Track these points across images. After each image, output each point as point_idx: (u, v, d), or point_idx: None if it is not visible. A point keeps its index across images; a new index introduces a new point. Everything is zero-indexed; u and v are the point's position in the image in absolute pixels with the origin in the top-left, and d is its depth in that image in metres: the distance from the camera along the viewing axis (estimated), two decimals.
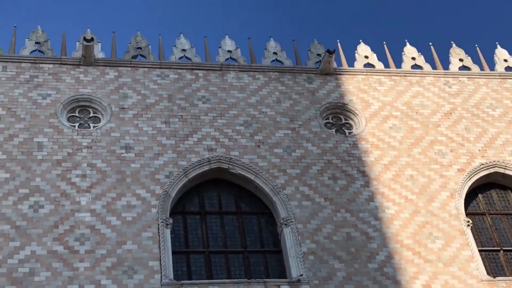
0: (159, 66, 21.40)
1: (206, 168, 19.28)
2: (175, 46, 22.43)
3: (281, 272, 18.09)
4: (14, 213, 17.18)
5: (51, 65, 20.53)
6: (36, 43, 21.18)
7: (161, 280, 16.68)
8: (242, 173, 19.33)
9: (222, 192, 19.52)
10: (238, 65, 22.10)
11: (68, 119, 19.60)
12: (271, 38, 23.33)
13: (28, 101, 19.51)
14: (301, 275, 17.36)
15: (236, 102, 20.98)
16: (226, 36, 23.08)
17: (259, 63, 22.44)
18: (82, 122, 19.73)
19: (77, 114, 19.86)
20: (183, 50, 22.31)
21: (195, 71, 21.54)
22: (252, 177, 19.24)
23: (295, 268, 17.60)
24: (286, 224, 18.37)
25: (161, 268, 16.88)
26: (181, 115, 20.26)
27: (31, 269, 16.36)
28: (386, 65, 23.41)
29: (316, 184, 19.43)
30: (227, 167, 19.39)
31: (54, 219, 17.30)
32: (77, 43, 21.32)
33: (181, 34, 22.85)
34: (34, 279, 16.23)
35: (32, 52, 20.94)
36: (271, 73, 22.10)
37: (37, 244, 16.77)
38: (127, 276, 16.61)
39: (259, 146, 19.98)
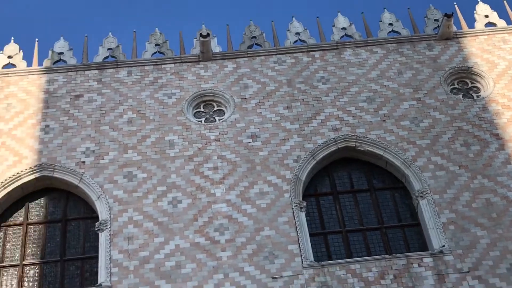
0: (275, 53, 21.68)
1: (333, 148, 19.38)
2: (288, 30, 22.61)
3: (422, 245, 17.93)
4: (155, 210, 18.11)
5: (172, 65, 21.34)
6: (156, 45, 22.07)
7: (302, 263, 17.00)
8: (370, 149, 19.28)
9: (352, 171, 19.56)
10: (354, 41, 21.96)
11: (194, 115, 20.33)
12: (385, 10, 23.00)
13: (155, 102, 20.40)
14: (443, 246, 17.12)
15: (356, 79, 20.89)
16: (339, 14, 22.94)
17: (375, 36, 22.16)
18: (207, 116, 20.40)
19: (202, 109, 20.56)
20: (297, 33, 22.45)
21: (311, 53, 21.63)
22: (381, 152, 19.15)
23: (436, 239, 17.39)
24: (421, 196, 18.15)
25: (300, 251, 17.21)
26: (303, 99, 20.46)
27: (177, 262, 17.18)
28: (509, 22, 22.45)
29: (448, 152, 19.04)
30: (354, 146, 19.40)
31: (192, 212, 18.06)
32: (194, 40, 22.03)
33: (293, 18, 22.98)
34: (181, 272, 17.03)
35: (153, 54, 21.85)
36: (389, 45, 21.79)
37: (180, 238, 17.60)
38: (268, 262, 17.08)
39: (384, 120, 19.83)
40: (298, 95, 20.58)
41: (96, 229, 18.08)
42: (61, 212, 19.04)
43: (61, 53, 21.72)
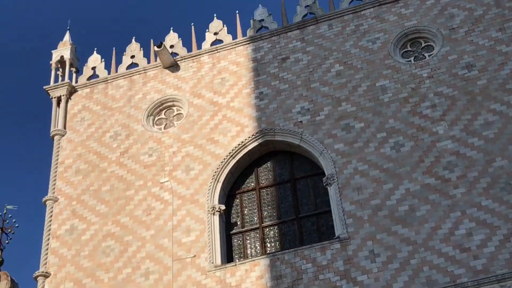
0: None
1: None
2: None
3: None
4: (379, 158, 18.46)
5: (372, 9, 21.35)
6: None
7: None
8: None
9: None
10: None
11: (402, 56, 20.28)
12: None
13: (360, 50, 20.62)
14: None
15: None
16: None
17: None
18: (416, 54, 20.25)
19: (409, 48, 20.44)
20: None
21: None
22: None
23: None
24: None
25: None
26: None
27: (410, 206, 17.42)
28: None
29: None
30: None
31: (417, 154, 18.13)
32: None
33: None
34: (416, 214, 17.27)
35: (350, 2, 21.97)
36: None
37: (409, 181, 17.78)
38: (506, 192, 16.70)
39: None
40: (510, 15, 19.55)
41: (324, 184, 18.81)
42: (288, 173, 20.13)
43: (262, 20, 22.75)
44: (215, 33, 23.04)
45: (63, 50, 24.05)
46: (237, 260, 18.73)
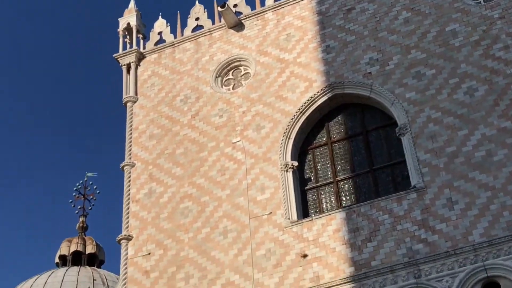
0: None
1: None
2: None
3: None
4: (452, 104, 18.47)
5: None
6: None
7: None
8: None
9: None
10: None
11: None
12: None
13: None
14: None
15: None
16: None
17: None
18: None
19: None
20: None
21: None
22: None
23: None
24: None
25: None
26: None
27: (487, 151, 17.45)
28: None
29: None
30: None
31: (491, 98, 18.08)
32: None
33: None
34: (493, 159, 17.30)
35: None
36: None
37: (485, 126, 17.76)
38: None
39: None
40: None
41: (397, 135, 18.93)
42: (360, 125, 20.35)
43: None
44: None
45: (129, 17, 24.93)
46: (313, 215, 19.08)
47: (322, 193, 19.85)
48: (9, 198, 78.11)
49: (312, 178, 20.16)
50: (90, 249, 43.33)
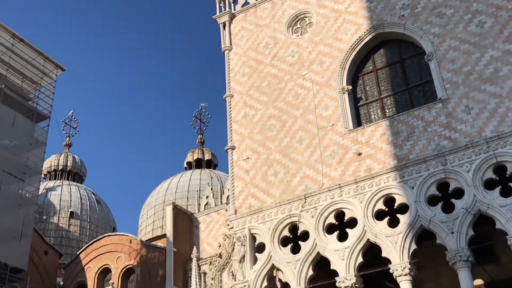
0: None
1: None
2: None
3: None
4: (467, 34, 18.77)
5: None
6: None
7: None
8: None
9: None
10: None
11: None
12: None
13: None
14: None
15: None
16: None
17: None
18: None
19: None
20: None
21: None
22: None
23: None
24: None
25: None
26: None
27: (495, 68, 17.88)
28: None
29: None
30: None
31: (497, 27, 18.36)
32: None
33: None
34: (500, 74, 17.75)
35: None
36: None
37: (492, 50, 18.17)
38: None
39: None
40: None
41: (426, 60, 19.47)
42: (397, 55, 20.82)
43: None
44: None
45: None
46: (364, 124, 19.81)
47: (371, 107, 20.32)
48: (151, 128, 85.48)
49: (363, 97, 20.65)
50: (207, 156, 46.36)
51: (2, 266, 28.24)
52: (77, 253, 35.91)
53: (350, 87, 20.52)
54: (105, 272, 33.48)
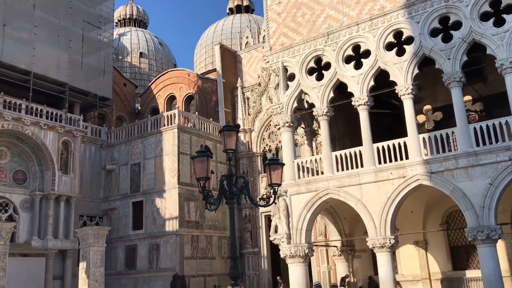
0: None
1: None
2: None
3: None
4: None
5: None
6: None
7: None
8: None
9: None
10: None
11: None
12: None
13: None
14: None
15: None
16: None
17: None
18: None
19: None
20: None
21: None
22: None
23: None
24: None
25: None
26: None
27: None
28: None
29: None
30: None
31: None
32: None
33: None
34: None
35: None
36: None
37: None
38: None
39: None
40: None
41: None
42: None
43: None
44: None
45: None
46: None
47: None
48: None
49: None
50: (245, 2, 45.29)
51: (93, 96, 30.11)
52: (149, 84, 37.64)
53: None
54: (171, 99, 35.35)
